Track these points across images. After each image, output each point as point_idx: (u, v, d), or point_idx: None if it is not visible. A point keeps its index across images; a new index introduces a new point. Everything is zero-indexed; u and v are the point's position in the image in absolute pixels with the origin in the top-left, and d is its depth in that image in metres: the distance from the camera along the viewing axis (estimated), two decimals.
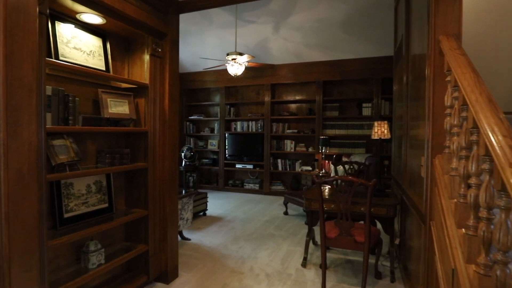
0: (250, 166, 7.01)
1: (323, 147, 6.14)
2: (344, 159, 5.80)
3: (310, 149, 6.56)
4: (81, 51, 2.28)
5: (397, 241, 3.21)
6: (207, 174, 7.79)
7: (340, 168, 5.29)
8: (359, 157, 5.53)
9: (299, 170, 6.62)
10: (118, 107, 2.46)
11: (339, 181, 2.60)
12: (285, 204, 5.20)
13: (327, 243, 2.72)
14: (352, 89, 6.42)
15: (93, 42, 2.39)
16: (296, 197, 4.89)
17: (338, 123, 6.34)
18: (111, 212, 2.46)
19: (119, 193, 2.66)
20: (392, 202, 2.93)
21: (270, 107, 6.81)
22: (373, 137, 3.70)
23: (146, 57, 2.60)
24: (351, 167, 4.19)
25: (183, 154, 6.99)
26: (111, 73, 2.48)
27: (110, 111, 2.38)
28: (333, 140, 6.35)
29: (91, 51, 2.36)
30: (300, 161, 6.68)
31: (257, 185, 6.99)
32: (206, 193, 5.18)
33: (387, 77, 5.91)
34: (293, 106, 6.92)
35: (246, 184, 7.08)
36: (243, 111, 7.39)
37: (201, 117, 7.56)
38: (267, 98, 6.82)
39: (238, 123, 7.19)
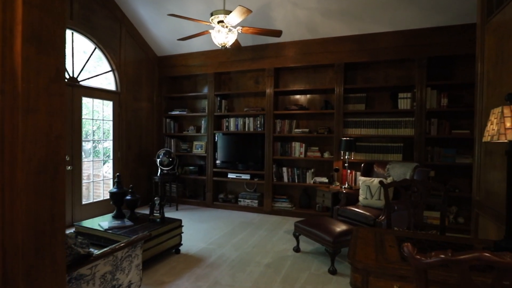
0: (247, 176, 5.37)
1: (346, 152, 4.50)
2: (377, 169, 4.16)
3: (326, 155, 4.93)
4: None
5: None
6: (192, 185, 6.15)
7: (373, 182, 3.66)
8: (400, 168, 3.89)
9: (311, 182, 4.99)
10: None
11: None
12: (296, 236, 3.56)
13: None
14: (383, 74, 4.79)
15: None
16: (315, 230, 3.24)
17: (364, 119, 4.71)
18: None
19: None
20: None
21: (273, 99, 5.18)
22: (487, 139, 1.96)
23: None
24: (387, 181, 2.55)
25: (158, 160, 5.34)
26: None
27: None
28: (359, 143, 4.72)
29: None
30: (312, 170, 5.05)
31: (256, 201, 5.35)
32: (180, 222, 3.54)
33: (437, 56, 4.29)
34: (303, 97, 5.29)
35: (241, 200, 5.44)
36: (238, 105, 5.76)
37: (184, 113, 5.92)
38: (269, 88, 5.18)
39: (232, 120, 5.56)
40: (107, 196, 4.90)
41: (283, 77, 5.37)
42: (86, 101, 4.95)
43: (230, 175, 5.50)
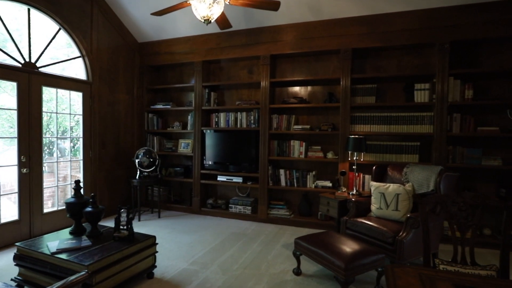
0: (239, 180, 4.71)
1: (355, 153, 3.86)
2: (392, 173, 3.52)
3: (330, 155, 4.28)
4: None
5: None
6: (178, 189, 5.47)
7: (388, 189, 3.03)
8: (421, 172, 3.25)
9: (313, 186, 4.35)
10: None
11: None
12: (297, 256, 2.91)
13: None
14: (397, 62, 4.14)
15: None
16: (321, 250, 2.59)
17: (374, 114, 4.07)
18: None
19: None
20: None
21: (269, 92, 4.51)
22: None
23: None
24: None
25: (137, 161, 4.65)
26: None
27: None
28: (368, 142, 4.08)
29: None
30: (313, 172, 4.40)
31: (249, 207, 4.69)
32: (153, 239, 2.85)
33: (461, 40, 3.65)
34: (303, 89, 4.63)
35: (233, 206, 4.78)
36: (229, 98, 5.08)
37: (169, 107, 5.23)
38: (264, 78, 4.51)
39: (222, 115, 4.88)
40: None
41: (280, 66, 4.70)
42: (61, 94, 4.26)
43: (220, 178, 4.83)
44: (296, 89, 4.65)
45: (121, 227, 2.74)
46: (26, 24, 3.63)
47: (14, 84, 3.51)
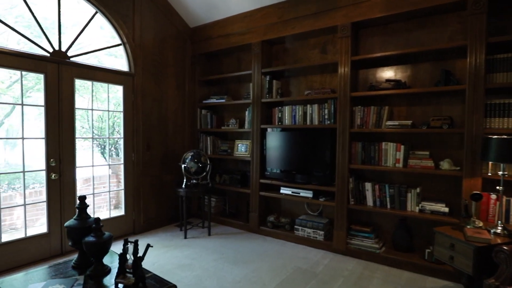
0: (308, 194, 3.56)
1: (501, 165, 2.36)
2: None
3: (446, 165, 2.82)
4: None
5: None
6: (235, 199, 4.57)
7: None
8: None
9: (416, 209, 2.95)
10: None
11: None
12: None
13: None
14: None
15: None
16: None
17: None
18: None
19: None
20: None
21: (351, 75, 3.25)
22: None
23: None
24: None
25: (184, 166, 3.89)
26: None
27: None
28: None
29: None
30: (417, 189, 2.98)
31: (321, 232, 3.50)
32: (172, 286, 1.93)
33: None
34: (401, 69, 3.24)
35: (299, 228, 3.65)
36: (295, 87, 3.97)
37: (223, 101, 4.36)
38: (343, 57, 3.27)
39: (286, 110, 3.80)
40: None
41: (365, 39, 3.39)
42: (98, 87, 3.78)
43: (284, 190, 3.76)
44: (389, 70, 3.29)
45: (127, 270, 1.89)
46: (55, 7, 3.12)
47: (41, 76, 3.02)
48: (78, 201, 2.14)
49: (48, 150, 3.07)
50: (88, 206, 2.18)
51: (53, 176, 3.10)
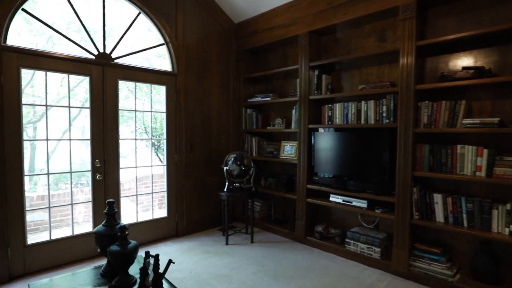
0: (361, 203, 3.10)
1: None
2: None
3: None
4: None
5: None
6: (281, 204, 4.26)
7: None
8: None
9: (505, 231, 2.32)
10: None
11: None
12: None
13: None
14: None
15: None
16: None
17: None
18: None
19: None
20: None
21: (415, 65, 2.70)
22: None
23: None
24: None
25: (226, 169, 3.70)
26: None
27: None
28: None
29: None
30: (507, 206, 2.34)
31: (377, 248, 3.01)
32: None
33: None
34: (482, 54, 2.59)
35: (351, 242, 3.20)
36: (348, 81, 3.51)
37: (268, 99, 4.08)
38: (406, 42, 2.74)
39: (337, 107, 3.37)
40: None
41: (434, 20, 2.81)
42: (141, 86, 3.80)
43: (334, 198, 3.34)
44: (466, 56, 2.66)
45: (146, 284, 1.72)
46: (100, 8, 3.17)
47: (87, 79, 3.08)
48: (107, 206, 2.05)
49: (93, 151, 3.12)
50: (116, 211, 2.08)
51: (97, 176, 3.16)
